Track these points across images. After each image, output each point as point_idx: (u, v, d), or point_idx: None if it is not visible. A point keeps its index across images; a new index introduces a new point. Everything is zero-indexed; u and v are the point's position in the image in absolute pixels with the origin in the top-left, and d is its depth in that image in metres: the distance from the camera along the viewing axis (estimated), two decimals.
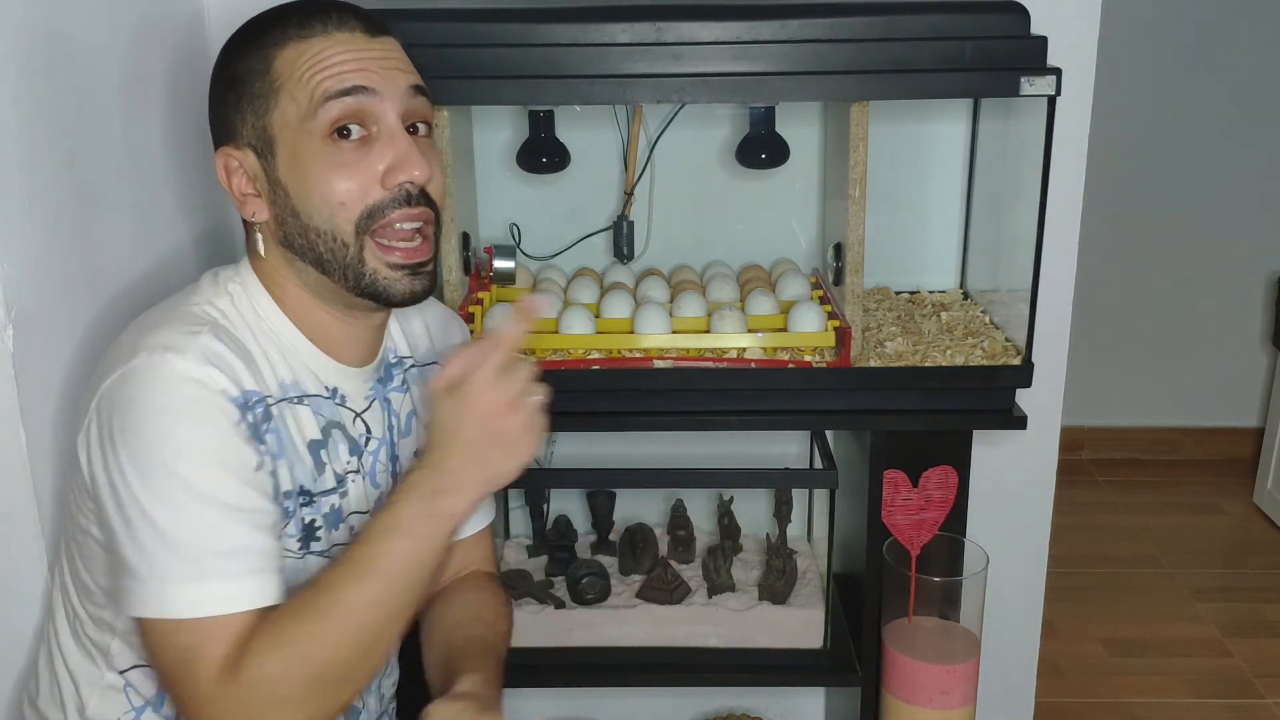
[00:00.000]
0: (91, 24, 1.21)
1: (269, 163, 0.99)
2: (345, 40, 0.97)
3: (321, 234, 0.98)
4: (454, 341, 1.22)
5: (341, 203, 0.97)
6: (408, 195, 0.98)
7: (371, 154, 0.97)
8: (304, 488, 1.02)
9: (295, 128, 0.97)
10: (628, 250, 1.62)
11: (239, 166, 1.00)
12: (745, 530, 1.70)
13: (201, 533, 0.91)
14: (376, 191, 0.97)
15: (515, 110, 1.58)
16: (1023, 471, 1.75)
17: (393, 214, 0.98)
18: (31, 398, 1.07)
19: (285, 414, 1.01)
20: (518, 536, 1.76)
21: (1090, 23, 1.55)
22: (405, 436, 1.15)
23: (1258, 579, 2.77)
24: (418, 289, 1.02)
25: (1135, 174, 3.12)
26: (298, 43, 0.97)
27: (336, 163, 0.96)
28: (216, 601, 0.91)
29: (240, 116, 0.99)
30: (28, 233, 1.07)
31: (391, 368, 1.14)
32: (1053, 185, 1.33)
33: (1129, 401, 3.34)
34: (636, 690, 1.85)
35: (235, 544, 0.92)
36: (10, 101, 1.05)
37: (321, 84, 0.96)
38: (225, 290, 1.03)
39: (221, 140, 1.01)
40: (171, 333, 0.95)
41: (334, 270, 1.00)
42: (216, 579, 0.91)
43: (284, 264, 1.02)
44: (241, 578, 0.92)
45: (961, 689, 1.42)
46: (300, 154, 0.97)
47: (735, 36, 1.28)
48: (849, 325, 1.39)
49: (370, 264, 0.99)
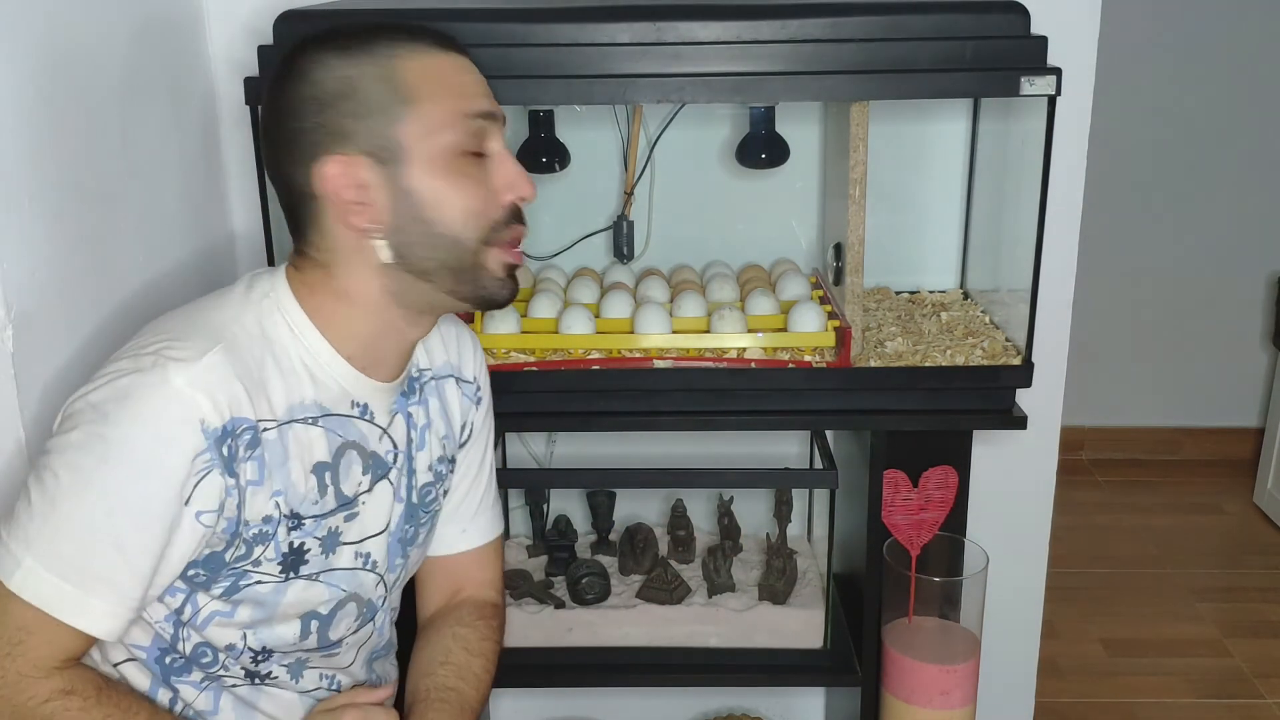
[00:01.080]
0: (94, 26, 1.21)
1: (394, 170, 0.98)
2: (463, 64, 1.03)
3: (450, 240, 1.01)
4: (465, 357, 1.22)
5: (475, 213, 1.01)
6: (518, 212, 1.05)
7: (489, 171, 1.02)
8: (294, 511, 1.02)
9: (430, 139, 0.98)
10: (628, 250, 1.62)
11: (345, 175, 0.98)
12: (745, 530, 1.70)
13: (90, 542, 0.93)
14: (497, 206, 1.03)
15: (515, 110, 1.58)
16: (1023, 471, 1.75)
17: (513, 227, 1.05)
18: (31, 398, 1.07)
19: (288, 436, 1.00)
20: (518, 536, 1.76)
21: (1090, 23, 1.55)
22: (421, 450, 1.15)
23: (1258, 579, 2.77)
24: (515, 290, 1.08)
25: (1135, 174, 3.13)
26: (424, 57, 1.00)
27: (475, 178, 1.01)
28: (78, 614, 0.94)
29: (358, 124, 0.98)
30: (29, 233, 1.07)
31: (413, 381, 1.14)
32: (1053, 185, 1.33)
33: (1129, 401, 3.34)
34: (636, 690, 1.85)
35: (113, 571, 0.94)
36: (12, 103, 1.05)
37: (464, 102, 1.00)
38: (257, 303, 1.03)
39: (321, 150, 0.98)
40: (186, 346, 0.96)
41: (446, 275, 1.02)
42: (86, 591, 0.93)
43: (374, 274, 1.02)
44: (109, 605, 0.95)
45: (961, 689, 1.42)
46: (436, 164, 0.99)
47: (735, 36, 1.28)
48: (849, 325, 1.39)
49: (490, 267, 1.04)
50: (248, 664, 1.07)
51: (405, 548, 1.15)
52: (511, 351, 1.42)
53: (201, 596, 1.01)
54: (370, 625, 1.14)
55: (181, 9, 1.45)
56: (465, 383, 1.21)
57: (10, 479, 1.06)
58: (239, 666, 1.06)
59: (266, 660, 1.07)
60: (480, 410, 1.24)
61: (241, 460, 0.97)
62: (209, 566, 1.00)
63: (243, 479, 0.97)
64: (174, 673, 1.05)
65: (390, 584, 1.15)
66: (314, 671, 1.12)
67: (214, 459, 0.95)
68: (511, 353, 1.42)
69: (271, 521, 1.00)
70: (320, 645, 1.09)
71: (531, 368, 1.39)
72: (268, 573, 1.02)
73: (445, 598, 1.26)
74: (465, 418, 1.22)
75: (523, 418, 1.42)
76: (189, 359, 0.94)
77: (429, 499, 1.17)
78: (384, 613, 1.16)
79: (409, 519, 1.14)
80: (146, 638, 1.03)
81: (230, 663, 1.06)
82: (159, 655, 1.04)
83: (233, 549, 0.99)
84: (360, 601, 1.10)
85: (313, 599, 1.06)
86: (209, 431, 0.94)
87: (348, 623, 1.10)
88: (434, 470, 1.17)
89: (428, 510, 1.17)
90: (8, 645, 0.93)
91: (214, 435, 0.94)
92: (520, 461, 1.75)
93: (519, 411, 1.38)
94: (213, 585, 1.01)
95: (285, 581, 1.03)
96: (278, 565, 1.02)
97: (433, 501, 1.18)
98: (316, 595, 1.06)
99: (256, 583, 1.02)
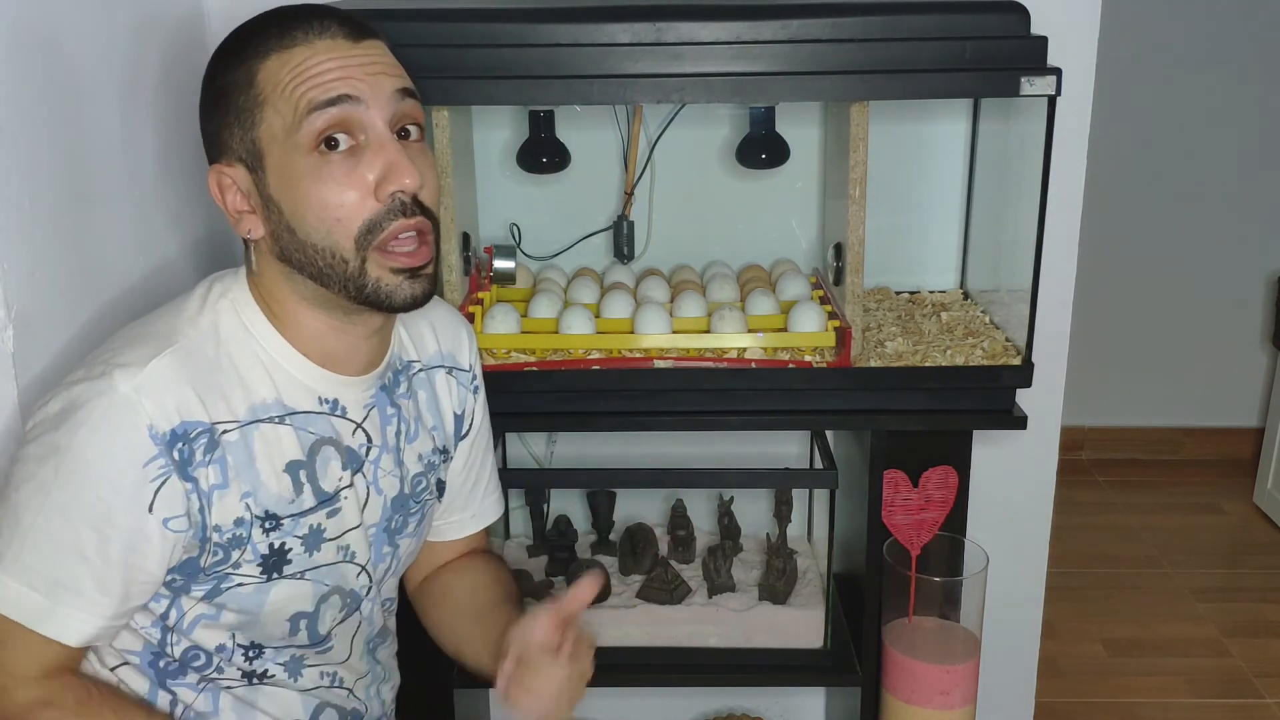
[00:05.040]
0: (90, 25, 1.21)
1: (260, 178, 0.97)
2: (328, 48, 0.95)
3: (320, 250, 0.97)
4: (460, 345, 1.21)
5: (338, 218, 0.95)
6: (402, 205, 0.96)
7: (361, 164, 0.95)
8: (270, 512, 1.01)
9: (282, 141, 0.95)
10: (628, 250, 1.62)
11: (232, 183, 0.99)
12: (745, 530, 1.70)
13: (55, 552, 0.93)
14: (371, 204, 0.95)
15: (515, 110, 1.58)
16: (1023, 471, 1.75)
17: (391, 226, 0.96)
18: (32, 398, 1.06)
19: (253, 438, 0.99)
20: (518, 536, 1.76)
21: (1090, 23, 1.55)
22: (411, 441, 1.14)
23: (1258, 579, 2.77)
24: (418, 293, 1.00)
25: (1135, 174, 3.12)
26: (280, 54, 0.95)
27: (327, 176, 0.95)
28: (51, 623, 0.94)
29: (229, 132, 0.97)
30: (28, 233, 1.07)
31: (399, 374, 1.14)
32: (1053, 185, 1.33)
33: (1129, 401, 3.34)
34: (636, 690, 1.85)
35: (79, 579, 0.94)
36: (9, 103, 1.05)
37: (305, 95, 0.94)
38: (214, 305, 1.02)
39: (213, 156, 1.00)
40: (133, 353, 0.96)
41: (333, 283, 0.98)
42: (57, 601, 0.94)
43: (281, 279, 1.01)
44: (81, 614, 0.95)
45: (961, 689, 1.42)
46: (289, 168, 0.95)
47: (735, 36, 1.27)
48: (849, 325, 1.39)
49: (373, 273, 0.97)
50: (241, 664, 1.06)
51: (394, 538, 1.14)
52: (511, 351, 1.42)
53: (185, 600, 1.01)
54: (356, 615, 1.13)
55: (181, 9, 1.45)
56: (460, 371, 1.21)
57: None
58: (234, 667, 1.06)
59: (259, 658, 1.07)
60: (479, 399, 1.24)
61: (199, 464, 0.96)
62: (184, 572, 0.99)
63: (204, 483, 0.96)
64: (169, 675, 1.04)
65: (378, 575, 1.13)
66: (313, 669, 1.12)
67: (167, 464, 0.94)
68: (511, 353, 1.42)
69: (244, 524, 1.00)
70: (311, 641, 1.09)
71: (531, 368, 1.39)
72: (248, 575, 1.01)
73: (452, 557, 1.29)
74: (463, 407, 1.21)
75: (523, 418, 1.42)
76: (135, 365, 0.94)
77: (420, 488, 1.16)
78: (370, 602, 1.15)
79: (398, 509, 1.13)
80: (138, 643, 1.03)
81: (224, 664, 1.05)
82: (152, 659, 1.04)
83: (206, 554, 0.99)
84: (343, 593, 1.10)
85: (298, 596, 1.06)
86: (158, 436, 0.93)
87: (332, 614, 1.10)
88: (425, 461, 1.16)
89: (419, 500, 1.17)
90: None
91: (164, 440, 0.94)
92: (520, 461, 1.75)
93: (519, 411, 1.38)
94: (193, 588, 1.00)
95: (268, 582, 1.03)
96: (258, 567, 1.02)
97: (424, 491, 1.17)
98: (301, 592, 1.06)
99: (238, 585, 1.01)
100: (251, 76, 0.96)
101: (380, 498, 1.11)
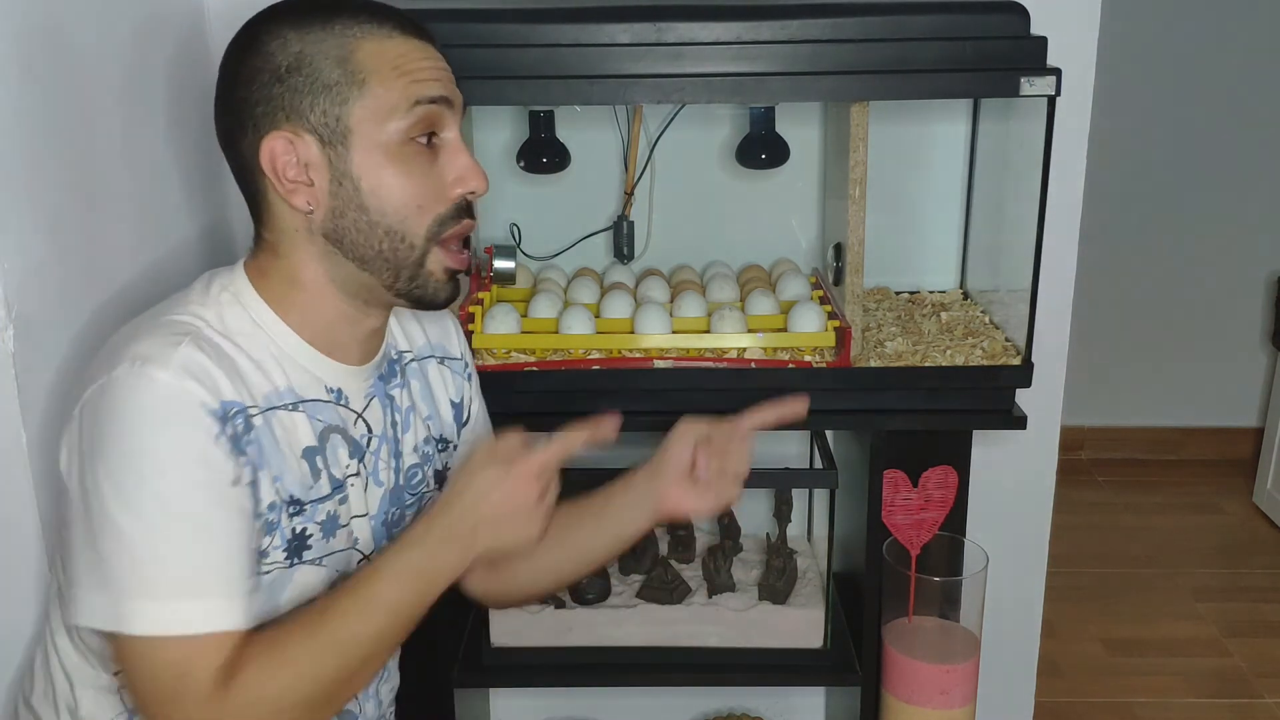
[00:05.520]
0: (92, 23, 1.21)
1: (338, 153, 0.97)
2: (423, 48, 1.00)
3: (390, 232, 0.99)
4: (448, 335, 1.22)
5: (419, 205, 0.99)
6: (468, 206, 1.02)
7: (439, 162, 1.00)
8: (294, 497, 1.01)
9: (378, 123, 0.97)
10: (628, 250, 1.62)
11: (292, 153, 0.97)
12: (745, 530, 1.70)
13: (180, 549, 0.91)
14: (445, 200, 1.01)
15: (515, 110, 1.58)
16: (1023, 471, 1.75)
17: (457, 225, 1.02)
18: (31, 398, 1.07)
19: (273, 422, 0.99)
20: None
21: (1090, 23, 1.55)
22: (406, 431, 1.14)
23: (1258, 579, 2.77)
24: (454, 294, 1.05)
25: (1135, 174, 3.13)
26: (382, 39, 0.98)
27: (421, 168, 0.99)
28: (211, 617, 0.91)
29: (307, 101, 0.96)
30: (29, 232, 1.07)
31: (393, 364, 1.14)
32: (1053, 185, 1.33)
33: (1129, 401, 3.35)
34: (636, 690, 1.85)
35: (215, 561, 0.92)
36: (11, 100, 1.05)
37: (414, 88, 0.98)
38: (216, 298, 1.02)
39: (269, 125, 0.97)
40: (153, 343, 0.94)
41: (384, 268, 1.00)
42: (206, 595, 0.91)
43: (313, 259, 1.01)
44: (231, 596, 0.93)
45: (961, 689, 1.42)
46: (381, 149, 0.97)
47: (735, 36, 1.28)
48: (849, 325, 1.39)
49: (430, 267, 1.01)
50: None
51: (390, 530, 1.14)
52: (511, 351, 1.42)
53: None
54: None
55: (181, 9, 1.45)
56: (453, 359, 1.21)
57: (11, 478, 1.06)
58: None
59: None
60: (474, 384, 1.24)
61: (245, 443, 0.96)
62: None
63: (248, 462, 0.96)
64: None
65: None
66: None
67: (226, 441, 0.94)
68: (511, 353, 1.42)
69: (275, 509, 1.00)
70: None
71: (531, 368, 1.39)
72: (275, 561, 1.01)
73: None
74: (460, 395, 1.21)
75: (523, 418, 1.41)
76: (163, 354, 0.92)
77: (415, 480, 1.16)
78: None
79: (394, 501, 1.13)
80: None
81: None
82: None
83: None
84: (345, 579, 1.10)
85: (315, 582, 1.05)
86: (211, 411, 0.93)
87: None
88: (420, 452, 1.16)
89: (414, 492, 1.16)
90: (174, 687, 0.90)
91: (217, 415, 0.93)
92: None
93: (519, 411, 1.38)
94: None
95: (291, 568, 1.03)
96: (283, 552, 1.02)
97: (420, 483, 1.17)
98: (318, 578, 1.05)
99: (264, 573, 1.00)
100: (347, 52, 0.96)
101: (380, 489, 1.11)
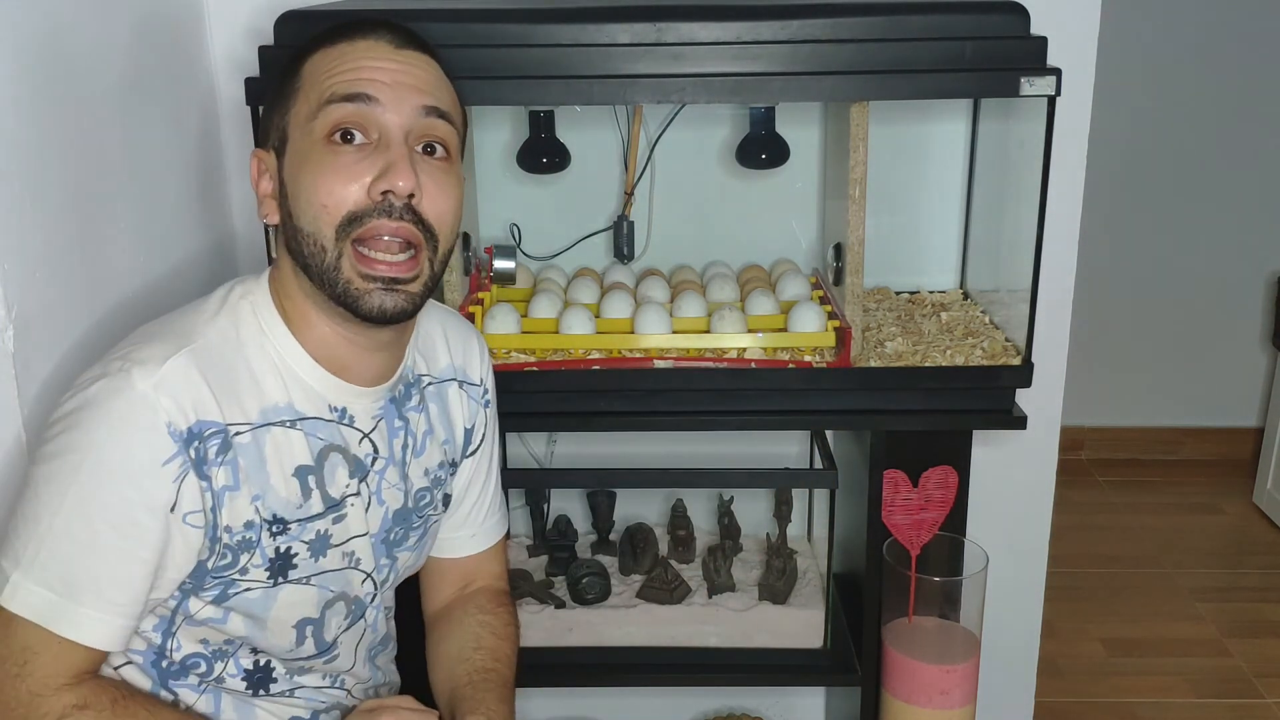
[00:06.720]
0: (93, 25, 1.21)
1: (281, 163, 1.00)
2: (367, 48, 0.98)
3: (307, 235, 0.97)
4: (471, 358, 1.21)
5: (324, 205, 0.95)
6: (390, 206, 0.95)
7: (365, 161, 0.96)
8: (278, 515, 1.01)
9: (302, 126, 0.98)
10: (628, 250, 1.62)
11: (265, 168, 1.02)
12: (745, 530, 1.70)
13: (76, 549, 0.92)
14: (361, 198, 0.95)
15: (515, 110, 1.58)
16: (1023, 471, 1.75)
17: (372, 222, 0.95)
18: (31, 398, 1.07)
19: (264, 440, 0.99)
20: (518, 536, 1.76)
21: (1090, 23, 1.55)
22: (419, 455, 1.14)
23: (1258, 579, 2.77)
24: (388, 306, 0.98)
25: (1135, 174, 3.12)
26: (326, 48, 0.99)
27: (331, 165, 0.95)
28: (75, 625, 0.93)
29: (269, 117, 1.02)
30: (29, 233, 1.07)
31: (410, 387, 1.13)
32: (1053, 185, 1.33)
33: (1129, 401, 3.34)
34: (636, 690, 1.85)
35: (103, 577, 0.93)
36: (12, 103, 1.05)
37: (329, 86, 0.96)
38: (234, 305, 1.02)
39: (258, 142, 1.04)
40: (151, 350, 0.95)
41: (315, 276, 0.98)
42: (80, 603, 0.93)
43: (292, 274, 1.02)
44: (104, 614, 0.94)
45: (961, 689, 1.42)
46: (302, 153, 0.97)
47: (735, 36, 1.28)
48: (849, 325, 1.39)
49: (345, 272, 0.97)
50: (248, 665, 1.06)
51: (392, 550, 1.14)
52: (512, 351, 1.42)
53: (193, 603, 1.01)
54: (361, 622, 1.14)
55: (182, 9, 1.45)
56: (471, 385, 1.20)
57: (10, 478, 1.06)
58: (239, 677, 1.06)
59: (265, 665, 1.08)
60: (489, 413, 1.23)
61: (212, 464, 0.96)
62: (194, 574, 0.99)
63: (215, 483, 0.96)
64: (170, 676, 1.04)
65: (379, 582, 1.14)
66: (314, 674, 1.12)
67: (185, 462, 0.94)
68: (512, 353, 1.42)
69: (254, 527, 1.00)
70: (319, 650, 1.09)
71: (532, 368, 1.39)
72: (256, 579, 1.01)
73: (456, 591, 1.26)
74: (473, 421, 1.21)
75: (523, 418, 1.42)
76: (153, 362, 0.94)
77: (424, 503, 1.16)
78: (374, 609, 1.15)
79: (399, 522, 1.13)
80: (141, 643, 1.03)
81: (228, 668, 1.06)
82: (155, 659, 1.04)
83: (214, 556, 0.99)
84: (348, 599, 1.10)
85: (304, 601, 1.05)
86: (176, 434, 0.93)
87: (338, 621, 1.10)
88: (431, 475, 1.16)
89: (421, 515, 1.16)
90: (16, 666, 0.93)
91: (182, 437, 0.94)
92: (520, 461, 1.75)
93: (519, 411, 1.38)
94: (200, 591, 1.00)
95: (275, 586, 1.03)
96: (265, 571, 1.02)
97: (428, 505, 1.17)
98: (307, 598, 1.06)
99: (245, 590, 1.01)
100: (297, 66, 1.00)
101: (382, 509, 1.11)
